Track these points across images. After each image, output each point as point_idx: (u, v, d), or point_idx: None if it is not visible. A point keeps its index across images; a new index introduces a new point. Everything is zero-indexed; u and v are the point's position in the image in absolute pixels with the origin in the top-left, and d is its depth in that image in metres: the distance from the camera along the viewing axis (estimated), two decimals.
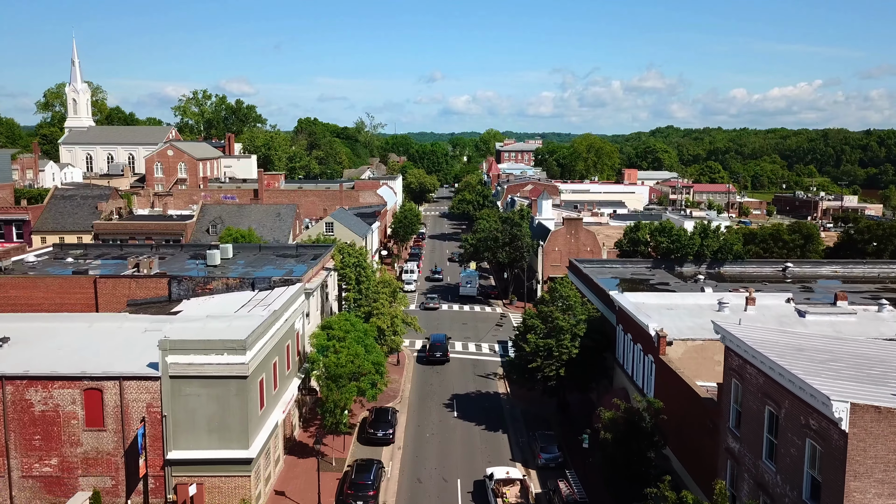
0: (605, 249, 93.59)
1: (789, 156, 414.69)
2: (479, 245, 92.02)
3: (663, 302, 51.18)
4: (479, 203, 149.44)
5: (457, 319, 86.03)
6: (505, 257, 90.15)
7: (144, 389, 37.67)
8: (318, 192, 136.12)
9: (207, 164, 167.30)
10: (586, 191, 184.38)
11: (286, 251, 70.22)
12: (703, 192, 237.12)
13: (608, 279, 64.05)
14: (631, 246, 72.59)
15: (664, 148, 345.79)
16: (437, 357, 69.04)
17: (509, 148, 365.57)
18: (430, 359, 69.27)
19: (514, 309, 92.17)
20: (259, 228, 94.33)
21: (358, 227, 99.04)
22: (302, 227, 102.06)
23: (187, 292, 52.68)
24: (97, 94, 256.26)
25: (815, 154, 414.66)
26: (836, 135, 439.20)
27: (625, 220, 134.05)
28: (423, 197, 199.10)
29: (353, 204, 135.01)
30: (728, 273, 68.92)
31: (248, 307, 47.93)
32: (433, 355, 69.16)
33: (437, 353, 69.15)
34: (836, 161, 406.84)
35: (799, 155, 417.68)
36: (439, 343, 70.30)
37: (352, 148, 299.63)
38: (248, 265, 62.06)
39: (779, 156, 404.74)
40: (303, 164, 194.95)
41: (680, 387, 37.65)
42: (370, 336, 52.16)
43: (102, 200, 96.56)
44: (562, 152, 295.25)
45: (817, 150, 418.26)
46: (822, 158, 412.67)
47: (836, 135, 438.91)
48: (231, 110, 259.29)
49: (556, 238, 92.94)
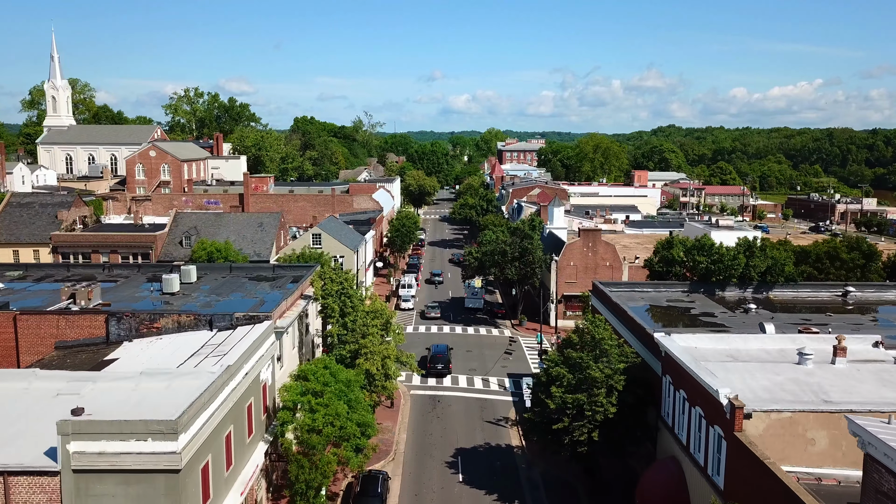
0: (625, 265, 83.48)
1: (794, 155, 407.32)
2: (485, 259, 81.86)
3: (721, 347, 41.06)
4: (482, 208, 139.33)
5: (460, 345, 75.89)
6: (514, 274, 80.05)
7: (39, 488, 27.53)
8: (308, 197, 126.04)
9: (193, 165, 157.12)
10: (595, 194, 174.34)
11: (261, 272, 60.04)
12: (714, 194, 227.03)
13: (641, 309, 53.96)
14: (664, 266, 62.38)
15: (671, 148, 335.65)
16: (438, 369, 66.15)
17: (511, 147, 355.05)
18: (431, 371, 66.18)
19: (525, 331, 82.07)
20: (238, 240, 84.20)
21: (349, 237, 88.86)
22: (287, 238, 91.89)
23: (129, 332, 42.55)
24: (85, 91, 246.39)
25: (821, 154, 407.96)
26: (842, 134, 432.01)
27: (641, 227, 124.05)
28: (422, 199, 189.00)
29: (346, 209, 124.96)
30: (778, 299, 58.80)
31: (201, 356, 37.80)
32: (434, 367, 66.20)
33: (438, 365, 66.19)
34: (843, 161, 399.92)
35: (804, 155, 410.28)
36: (441, 354, 67.21)
37: (349, 148, 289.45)
38: (212, 292, 51.90)
39: (783, 155, 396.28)
40: (295, 166, 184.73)
41: (772, 485, 27.50)
42: (356, 386, 42.04)
43: (64, 208, 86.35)
44: (566, 152, 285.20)
45: (823, 149, 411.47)
46: (828, 158, 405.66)
47: (841, 134, 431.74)
48: (224, 109, 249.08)
49: (571, 252, 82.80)
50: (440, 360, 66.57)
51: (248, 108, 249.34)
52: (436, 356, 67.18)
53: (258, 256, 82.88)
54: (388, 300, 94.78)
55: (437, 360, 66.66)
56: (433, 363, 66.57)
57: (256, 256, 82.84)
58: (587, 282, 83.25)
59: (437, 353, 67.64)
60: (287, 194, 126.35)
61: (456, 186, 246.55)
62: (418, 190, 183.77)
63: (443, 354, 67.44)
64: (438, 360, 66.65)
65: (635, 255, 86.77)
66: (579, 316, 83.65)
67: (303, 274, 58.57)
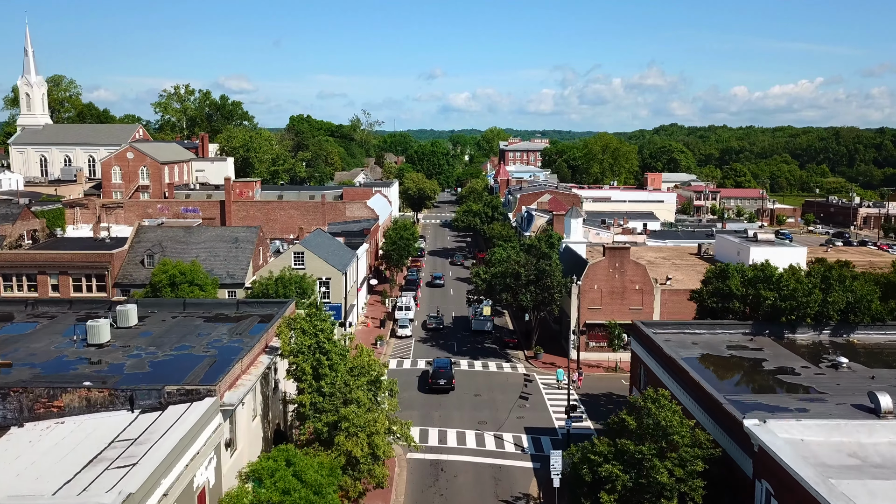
0: (657, 289, 72.00)
1: (800, 155, 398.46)
2: (496, 282, 70.29)
3: (836, 439, 29.65)
4: (487, 215, 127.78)
5: (467, 386, 64.40)
6: (530, 300, 68.52)
7: None
8: (297, 205, 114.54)
9: (175, 168, 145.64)
10: (607, 199, 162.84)
11: (222, 310, 48.61)
12: (730, 197, 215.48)
13: (697, 360, 42.60)
14: (718, 301, 50.80)
15: (680, 148, 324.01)
16: (440, 385, 62.02)
17: (514, 147, 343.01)
18: (432, 387, 62.19)
19: (541, 366, 70.60)
20: (209, 259, 72.75)
21: (337, 255, 77.33)
22: (268, 254, 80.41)
23: (20, 414, 31.15)
24: (70, 88, 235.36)
25: (828, 153, 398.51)
26: (848, 133, 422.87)
27: (663, 238, 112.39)
28: (422, 204, 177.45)
29: (338, 217, 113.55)
30: (862, 343, 47.39)
31: (101, 464, 26.37)
32: (436, 383, 62.12)
33: (440, 381, 62.17)
34: (850, 160, 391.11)
35: (810, 154, 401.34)
36: (443, 369, 63.21)
37: (346, 148, 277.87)
38: (153, 342, 40.45)
39: (789, 155, 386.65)
40: (286, 168, 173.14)
41: None
42: (329, 489, 30.58)
43: (8, 221, 74.91)
44: (572, 152, 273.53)
45: (830, 148, 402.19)
46: (835, 158, 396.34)
47: (847, 133, 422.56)
48: (216, 107, 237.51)
49: (595, 273, 71.29)
50: (443, 376, 62.34)
51: (241, 106, 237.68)
52: (438, 371, 62.96)
53: (231, 278, 71.47)
54: (383, 324, 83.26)
55: (439, 375, 62.50)
56: (435, 379, 62.26)
57: (229, 278, 71.42)
58: (613, 308, 71.84)
59: (440, 368, 63.39)
60: (273, 202, 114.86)
61: (458, 189, 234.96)
62: (418, 194, 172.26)
63: (445, 369, 63.09)
64: (441, 375, 62.46)
65: (666, 276, 75.33)
66: (604, 347, 72.34)
67: (274, 312, 47.25)
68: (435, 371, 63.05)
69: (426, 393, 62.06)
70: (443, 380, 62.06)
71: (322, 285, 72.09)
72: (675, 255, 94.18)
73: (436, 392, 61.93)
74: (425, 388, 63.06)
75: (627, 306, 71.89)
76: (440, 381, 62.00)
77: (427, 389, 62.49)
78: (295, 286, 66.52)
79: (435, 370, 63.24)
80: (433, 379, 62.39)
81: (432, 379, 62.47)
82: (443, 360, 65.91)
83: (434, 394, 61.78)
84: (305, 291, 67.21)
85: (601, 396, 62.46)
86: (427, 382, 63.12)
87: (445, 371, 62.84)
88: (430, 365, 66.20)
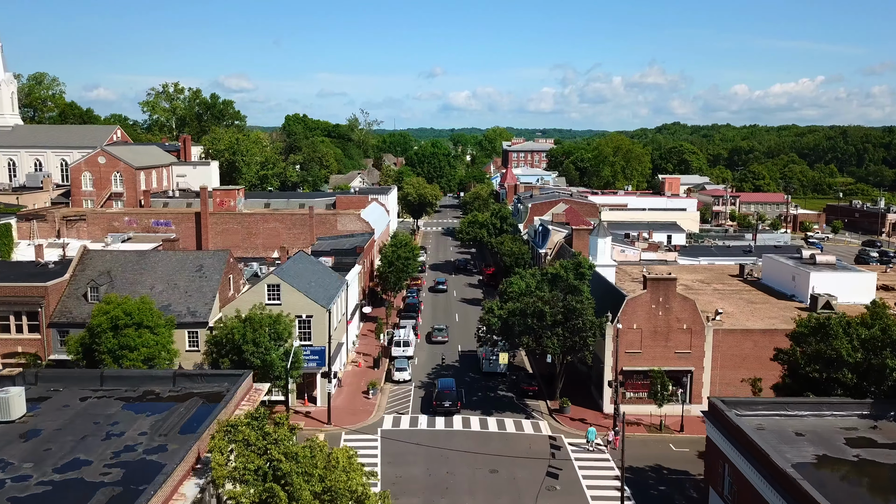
0: (709, 328, 59.30)
1: (807, 154, 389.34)
2: (514, 321, 57.45)
3: None
4: (495, 227, 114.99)
5: (481, 459, 51.68)
6: (557, 346, 55.78)
7: None
8: (282, 217, 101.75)
9: (153, 173, 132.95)
10: (623, 206, 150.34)
11: (153, 385, 35.90)
12: (750, 202, 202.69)
13: (813, 471, 29.99)
14: (821, 369, 38.09)
15: (691, 149, 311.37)
16: (445, 407, 58.60)
17: (518, 148, 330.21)
18: (436, 409, 58.71)
19: (569, 423, 57.87)
20: (166, 292, 60.10)
21: (322, 286, 64.54)
22: (240, 283, 67.72)
23: None
24: (53, 86, 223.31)
25: (836, 153, 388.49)
26: (855, 132, 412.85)
27: (695, 255, 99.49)
28: (422, 210, 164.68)
29: (328, 231, 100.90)
30: None
31: None
32: (441, 405, 58.72)
33: (445, 403, 58.74)
34: (859, 160, 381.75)
35: (818, 153, 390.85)
36: (448, 390, 59.69)
37: (343, 149, 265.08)
38: (35, 451, 27.83)
39: (796, 154, 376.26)
40: (276, 172, 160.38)
41: None
42: None
43: None
44: (579, 153, 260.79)
45: (838, 148, 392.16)
46: (843, 157, 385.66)
47: (855, 132, 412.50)
48: (206, 106, 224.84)
49: (634, 310, 58.58)
50: (447, 398, 58.72)
51: (232, 105, 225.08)
52: (442, 392, 59.37)
53: (192, 316, 58.81)
54: (377, 365, 70.55)
55: (443, 396, 58.88)
56: (439, 401, 58.69)
57: (190, 316, 58.76)
58: (656, 352, 59.21)
59: (445, 389, 59.78)
60: (255, 214, 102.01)
61: (461, 194, 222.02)
62: (418, 200, 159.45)
63: (451, 390, 59.57)
64: (445, 396, 58.85)
65: (716, 310, 62.62)
66: (644, 399, 59.65)
67: (224, 388, 34.67)
68: (439, 392, 59.42)
69: (429, 415, 58.46)
70: (447, 402, 58.40)
71: (302, 325, 59.39)
72: (713, 277, 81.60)
73: (440, 414, 58.11)
74: (429, 410, 59.43)
75: (673, 350, 59.27)
76: (444, 402, 58.35)
77: (431, 412, 58.94)
78: (268, 329, 54.02)
79: (439, 391, 59.59)
80: (437, 401, 58.69)
81: (436, 401, 58.77)
82: (447, 381, 62.06)
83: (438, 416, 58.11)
84: (280, 335, 54.72)
85: (648, 471, 49.82)
86: (431, 405, 59.43)
87: (450, 392, 59.25)
88: (434, 386, 62.40)
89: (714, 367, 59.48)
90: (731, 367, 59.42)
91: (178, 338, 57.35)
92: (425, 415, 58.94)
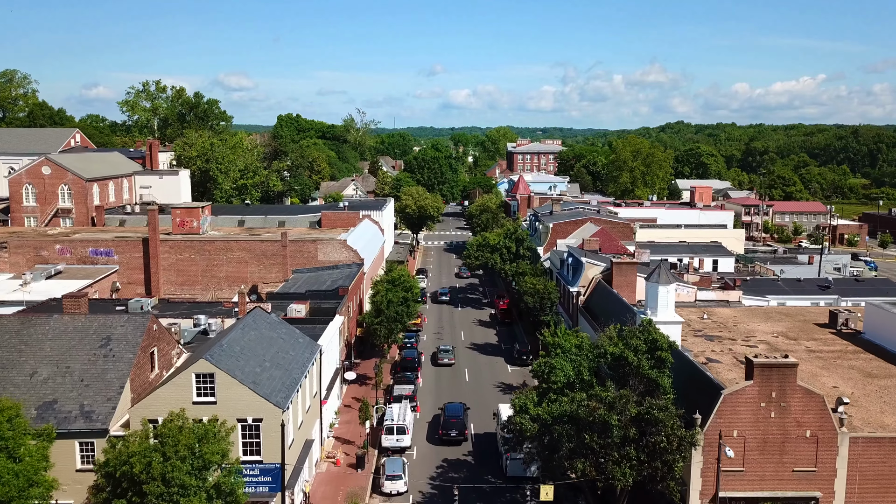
0: (843, 436, 40.48)
1: (818, 154, 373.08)
2: (560, 431, 38.47)
3: None
4: (510, 251, 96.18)
5: None
6: (629, 475, 36.87)
7: None
8: (250, 245, 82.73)
9: (110, 184, 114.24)
10: (652, 220, 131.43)
11: None
12: (784, 212, 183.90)
13: None
14: None
15: (709, 151, 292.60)
16: (451, 436, 54.22)
17: (524, 150, 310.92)
18: (442, 438, 54.29)
19: None
20: (53, 381, 41.34)
21: (279, 366, 45.48)
22: (171, 359, 48.80)
23: None
24: (24, 84, 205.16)
25: (848, 152, 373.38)
26: (867, 131, 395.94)
27: (762, 293, 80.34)
28: (422, 223, 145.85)
29: (307, 261, 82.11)
30: None
31: None
32: (447, 434, 54.31)
33: (451, 432, 54.38)
34: (872, 160, 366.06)
35: (829, 154, 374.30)
36: (455, 418, 55.23)
37: (338, 151, 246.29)
38: None
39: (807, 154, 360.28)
40: (256, 182, 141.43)
41: None
42: None
43: None
44: (591, 157, 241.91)
45: (850, 147, 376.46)
46: (856, 157, 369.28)
47: (867, 131, 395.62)
48: (189, 105, 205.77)
49: (735, 410, 39.75)
50: (454, 426, 55.03)
51: (218, 104, 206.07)
52: (449, 421, 55.54)
53: (87, 419, 40.04)
54: (360, 464, 51.48)
55: (450, 425, 55.09)
56: (446, 429, 55.04)
57: (83, 419, 40.01)
58: (766, 471, 40.49)
59: (451, 417, 55.96)
60: (215, 242, 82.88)
61: (465, 203, 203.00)
62: (418, 213, 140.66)
63: (458, 418, 55.89)
64: (452, 425, 55.10)
65: (838, 399, 43.72)
66: None
67: None
68: (446, 421, 55.63)
69: (436, 444, 54.81)
70: (454, 430, 54.98)
71: (247, 432, 40.57)
72: (797, 328, 62.52)
73: (446, 444, 54.64)
74: (434, 438, 55.86)
75: (790, 468, 40.50)
76: (451, 431, 54.90)
77: (437, 441, 55.41)
78: (190, 453, 35.10)
79: (446, 420, 55.73)
80: (444, 429, 55.21)
81: (443, 429, 55.30)
82: (455, 406, 58.12)
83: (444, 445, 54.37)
84: (208, 462, 35.73)
85: None
86: (437, 433, 55.79)
87: (458, 420, 55.54)
88: (441, 411, 58.27)
89: (850, 493, 40.79)
90: (875, 493, 40.73)
91: (62, 453, 38.76)
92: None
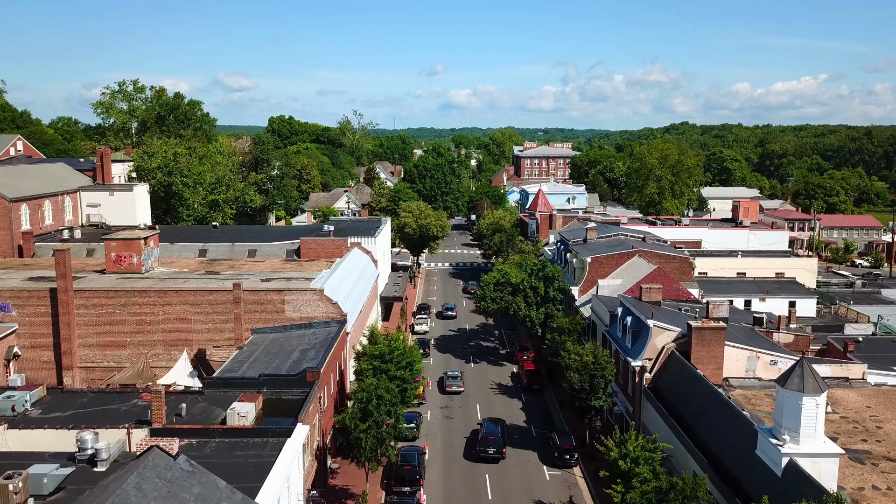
0: None
1: (831, 156, 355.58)
2: None
3: None
4: (537, 292, 75.43)
5: None
6: None
7: None
8: (195, 296, 61.49)
9: (45, 203, 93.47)
10: (696, 244, 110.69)
11: None
12: (831, 226, 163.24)
13: None
14: None
15: (733, 156, 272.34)
16: (489, 454, 52.47)
17: (532, 154, 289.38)
18: (479, 455, 52.67)
19: None
20: None
21: None
22: None
23: None
24: None
25: (862, 154, 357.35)
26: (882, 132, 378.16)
27: (883, 363, 59.80)
28: (424, 244, 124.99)
29: (270, 318, 61.21)
30: None
31: None
32: (485, 451, 52.58)
33: (489, 450, 52.53)
34: (888, 163, 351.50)
35: (843, 156, 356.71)
36: (493, 436, 53.50)
37: (332, 156, 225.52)
38: None
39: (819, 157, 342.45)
40: (229, 198, 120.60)
41: None
42: None
43: None
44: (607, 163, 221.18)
45: (865, 149, 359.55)
46: (871, 160, 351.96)
47: (881, 133, 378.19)
48: (169, 107, 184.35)
49: None
50: (492, 444, 52.39)
51: (200, 106, 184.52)
52: (487, 438, 52.92)
53: None
54: None
55: (488, 442, 52.46)
56: (483, 447, 52.37)
57: None
58: None
59: (489, 435, 53.38)
60: (149, 292, 61.58)
61: (471, 217, 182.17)
62: (419, 232, 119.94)
63: (496, 436, 53.33)
64: (490, 442, 52.47)
65: None
66: None
67: None
68: (483, 437, 53.19)
69: (471, 461, 52.59)
70: (492, 448, 52.19)
71: None
72: None
73: (483, 461, 52.06)
74: (471, 454, 53.50)
75: None
76: (489, 449, 52.18)
77: (473, 457, 53.03)
78: None
79: (483, 437, 53.30)
80: (481, 446, 52.52)
81: (480, 446, 52.63)
82: (492, 425, 55.61)
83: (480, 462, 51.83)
84: None
85: None
86: (474, 448, 53.35)
87: (496, 438, 53.03)
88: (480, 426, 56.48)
89: None
90: None
91: None
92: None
